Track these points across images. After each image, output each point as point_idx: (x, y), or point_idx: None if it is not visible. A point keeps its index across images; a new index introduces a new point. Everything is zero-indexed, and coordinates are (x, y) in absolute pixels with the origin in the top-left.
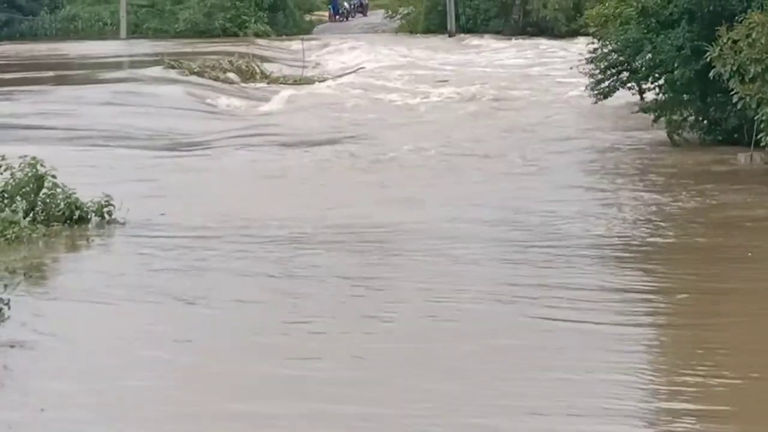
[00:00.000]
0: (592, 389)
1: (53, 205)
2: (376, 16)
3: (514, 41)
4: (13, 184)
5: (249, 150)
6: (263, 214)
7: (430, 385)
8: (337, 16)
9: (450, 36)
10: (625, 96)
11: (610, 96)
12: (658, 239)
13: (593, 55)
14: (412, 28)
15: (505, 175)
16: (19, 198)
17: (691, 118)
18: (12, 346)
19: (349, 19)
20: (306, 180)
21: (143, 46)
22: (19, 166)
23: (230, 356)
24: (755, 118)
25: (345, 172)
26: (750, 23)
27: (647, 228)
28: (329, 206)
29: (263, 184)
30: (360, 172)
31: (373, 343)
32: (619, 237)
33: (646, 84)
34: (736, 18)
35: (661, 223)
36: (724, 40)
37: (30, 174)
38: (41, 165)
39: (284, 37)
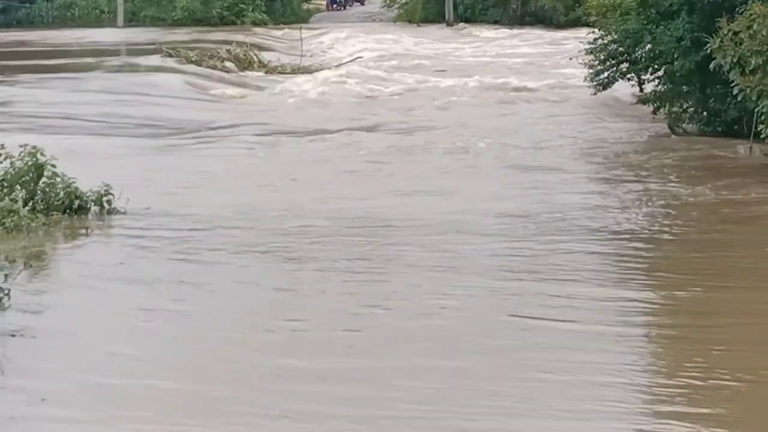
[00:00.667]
0: (587, 393)
1: (53, 195)
2: (374, 5)
3: (512, 31)
4: (13, 173)
5: (248, 139)
6: (266, 203)
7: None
8: (334, 5)
9: (448, 25)
10: (624, 87)
11: (610, 87)
12: (664, 236)
13: (593, 45)
14: (410, 17)
15: (506, 168)
16: (18, 187)
17: (691, 109)
18: (13, 336)
19: (347, 8)
20: (309, 170)
21: (141, 35)
22: (18, 155)
23: (228, 349)
24: (755, 110)
25: (351, 161)
26: (751, 14)
27: (652, 225)
28: (334, 196)
29: (265, 174)
30: (366, 163)
31: (362, 340)
32: (623, 232)
33: (645, 75)
34: (737, 9)
35: (665, 219)
36: (725, 32)
37: (30, 163)
38: (41, 154)
39: (282, 25)
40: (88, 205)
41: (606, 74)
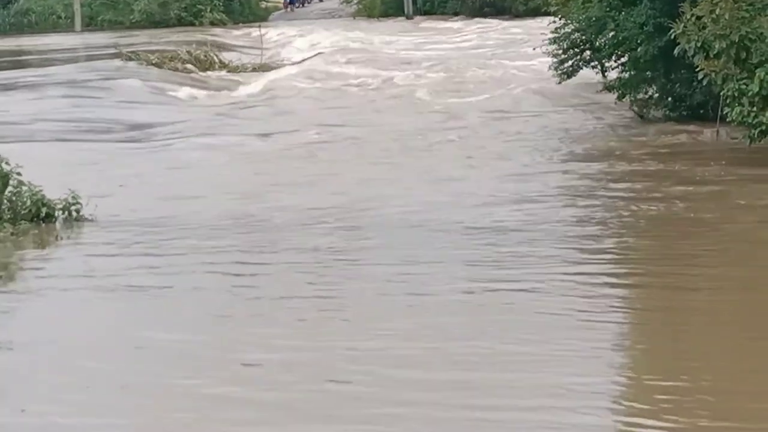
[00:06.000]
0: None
1: (19, 203)
2: (333, 1)
3: (471, 22)
4: None
5: (212, 141)
6: (235, 206)
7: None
8: (293, 3)
9: (408, 19)
10: (589, 75)
11: (574, 75)
12: (631, 238)
13: (556, 35)
14: (369, 12)
15: (476, 161)
16: None
17: (656, 95)
18: None
19: (305, 5)
20: (277, 167)
21: (100, 39)
22: None
23: (204, 351)
24: (720, 93)
25: (319, 158)
26: None
27: (620, 212)
28: (296, 193)
29: (229, 175)
30: (328, 161)
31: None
32: (594, 223)
33: (609, 62)
34: None
35: (633, 206)
36: (688, 17)
37: None
38: (6, 163)
39: (241, 24)
40: (56, 213)
41: (570, 63)
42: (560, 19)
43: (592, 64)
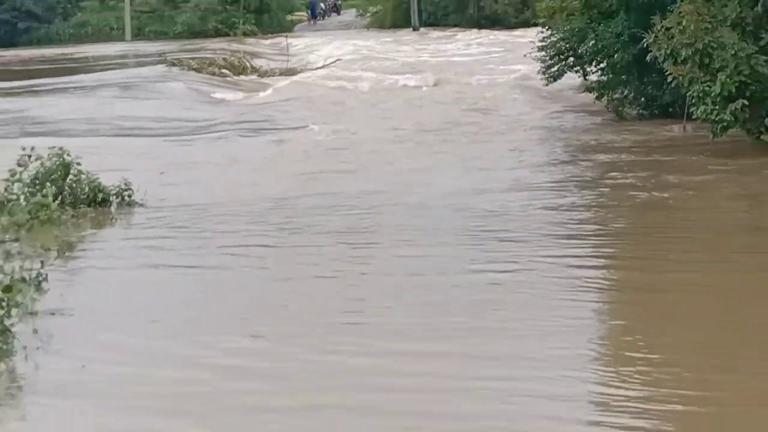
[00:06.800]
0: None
1: (79, 190)
2: (349, 14)
3: (470, 33)
4: (43, 171)
5: (249, 135)
6: (272, 192)
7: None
8: (314, 17)
9: (414, 30)
10: (572, 78)
11: (559, 79)
12: (616, 224)
13: (543, 43)
14: (380, 24)
15: (471, 156)
16: (48, 184)
17: (631, 95)
18: (52, 314)
19: (325, 18)
20: (305, 161)
21: (147, 47)
22: (47, 156)
23: (252, 324)
24: (687, 94)
25: (340, 151)
26: (681, 12)
27: (609, 203)
28: (322, 184)
29: (269, 165)
30: (354, 153)
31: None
32: (583, 210)
33: (590, 67)
34: (668, 8)
35: (620, 199)
36: (659, 28)
37: (57, 163)
38: (67, 155)
39: (269, 35)
40: (110, 199)
41: (556, 68)
42: (547, 29)
43: (575, 68)
